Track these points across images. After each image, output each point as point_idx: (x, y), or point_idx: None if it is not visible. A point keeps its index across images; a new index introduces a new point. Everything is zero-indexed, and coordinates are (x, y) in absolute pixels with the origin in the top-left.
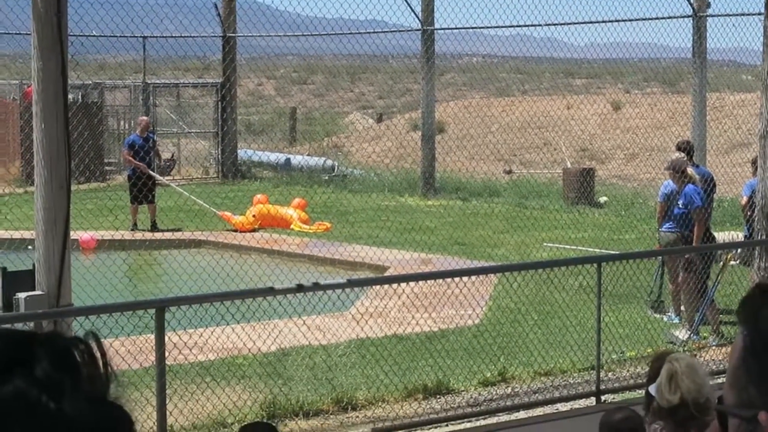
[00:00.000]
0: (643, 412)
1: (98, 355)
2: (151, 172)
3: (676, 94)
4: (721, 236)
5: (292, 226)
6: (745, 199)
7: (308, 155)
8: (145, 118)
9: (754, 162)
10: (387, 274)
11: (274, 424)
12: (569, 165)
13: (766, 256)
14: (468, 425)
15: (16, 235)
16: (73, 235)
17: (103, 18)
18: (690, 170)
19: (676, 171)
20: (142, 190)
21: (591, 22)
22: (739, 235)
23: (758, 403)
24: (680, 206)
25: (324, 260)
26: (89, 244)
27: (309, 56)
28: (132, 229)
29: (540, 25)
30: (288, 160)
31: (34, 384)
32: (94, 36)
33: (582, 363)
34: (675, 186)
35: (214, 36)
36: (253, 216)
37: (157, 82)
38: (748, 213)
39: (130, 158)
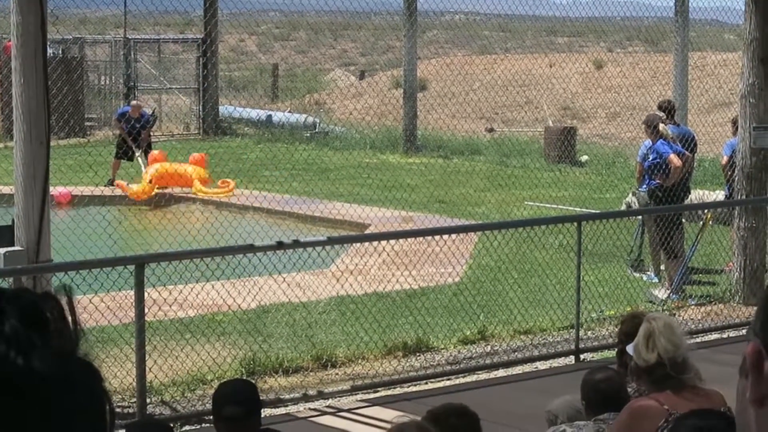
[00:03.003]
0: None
1: (68, 311)
2: (134, 147)
3: (659, 53)
4: (698, 195)
5: (192, 190)
6: (725, 159)
7: (290, 112)
8: (134, 102)
9: (734, 122)
10: (368, 231)
11: (252, 381)
12: (551, 124)
13: (746, 216)
14: (447, 383)
15: None
16: (53, 190)
17: None
18: (661, 126)
19: (648, 126)
20: (129, 150)
21: None
22: (717, 195)
23: None
24: (650, 160)
25: (304, 217)
26: (64, 198)
27: (291, 12)
28: (107, 184)
29: None
30: (269, 116)
31: (2, 340)
32: None
33: (561, 322)
34: (651, 143)
35: None
36: (150, 181)
37: (138, 37)
38: (729, 173)
39: (121, 128)
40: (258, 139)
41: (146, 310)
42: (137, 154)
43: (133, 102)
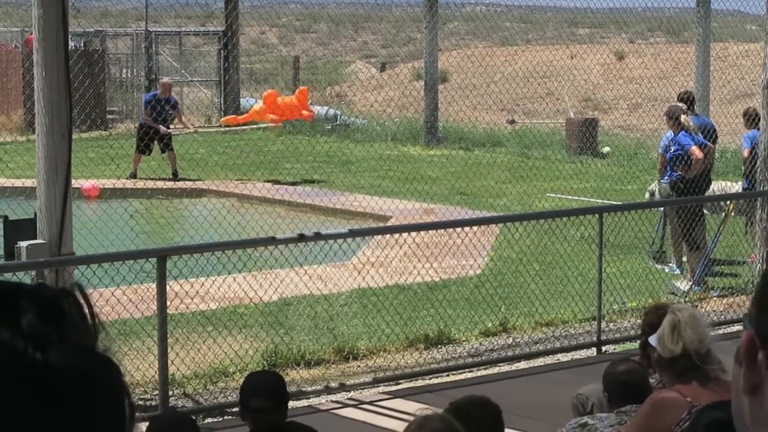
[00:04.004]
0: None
1: (86, 306)
2: (171, 130)
3: (680, 44)
4: (720, 186)
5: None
6: (747, 151)
7: (311, 104)
8: (165, 79)
9: (745, 114)
10: (389, 223)
11: (280, 374)
12: (572, 115)
13: None
14: (469, 375)
15: (18, 183)
16: (75, 183)
17: None
18: (683, 117)
19: (670, 117)
20: (163, 139)
21: None
22: (736, 186)
23: None
24: (672, 151)
25: (326, 210)
26: (92, 191)
27: (312, 4)
28: (129, 177)
29: None
30: None
31: (21, 335)
32: None
33: (583, 313)
34: (673, 135)
35: None
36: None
37: (159, 30)
38: (749, 165)
39: (147, 119)
40: (279, 132)
41: (168, 303)
42: (191, 127)
43: (164, 79)
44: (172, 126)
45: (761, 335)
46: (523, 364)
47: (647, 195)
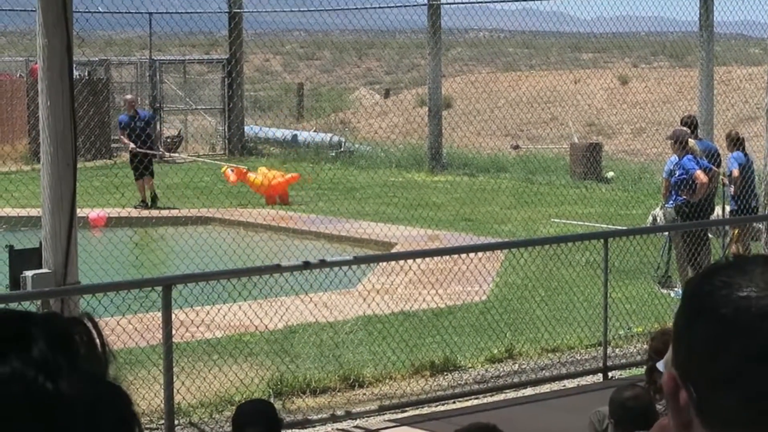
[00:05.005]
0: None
1: (96, 335)
2: (139, 149)
3: (684, 67)
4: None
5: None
6: (736, 172)
7: (315, 131)
8: (128, 96)
9: (728, 137)
10: (394, 250)
11: (271, 401)
12: (576, 140)
13: None
14: (475, 402)
15: (23, 212)
16: (82, 212)
17: None
18: (691, 142)
19: (675, 141)
20: (139, 166)
21: None
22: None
23: None
24: (676, 176)
25: (331, 237)
26: (99, 221)
27: (316, 31)
28: (136, 206)
29: None
30: (295, 136)
31: (31, 364)
32: (99, 12)
33: (589, 339)
34: (677, 159)
35: (221, 12)
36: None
37: (164, 58)
38: (738, 187)
39: (121, 136)
40: (284, 159)
41: (174, 332)
42: (160, 154)
43: (126, 96)
44: (158, 150)
45: (682, 376)
46: (529, 391)
47: (650, 219)
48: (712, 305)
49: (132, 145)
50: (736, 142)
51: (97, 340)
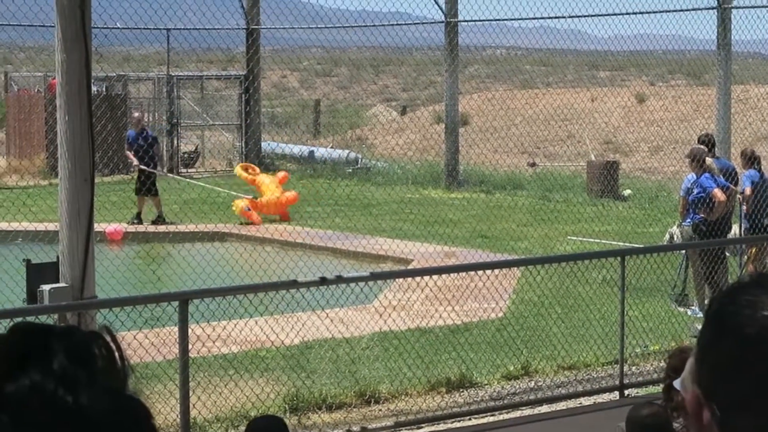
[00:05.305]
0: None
1: (115, 349)
2: (142, 166)
3: (701, 86)
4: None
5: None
6: (748, 190)
7: (332, 148)
8: (135, 114)
9: (743, 154)
10: (410, 267)
11: (282, 417)
12: (593, 158)
13: None
14: (491, 419)
15: (41, 227)
16: (98, 227)
17: (126, 10)
18: (709, 160)
19: (693, 160)
20: (145, 183)
21: (615, 14)
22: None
23: None
24: (694, 194)
25: (347, 253)
26: (116, 235)
27: (333, 48)
28: (130, 222)
29: (564, 17)
30: (311, 152)
31: (51, 377)
32: (117, 28)
33: (605, 357)
34: (695, 177)
35: (238, 28)
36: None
37: (181, 74)
38: (750, 205)
39: (127, 152)
40: (300, 175)
41: (190, 347)
42: (159, 172)
43: (134, 114)
44: (159, 170)
45: (706, 395)
46: (545, 408)
47: (667, 237)
48: (736, 325)
49: (136, 162)
50: (751, 160)
51: (116, 354)
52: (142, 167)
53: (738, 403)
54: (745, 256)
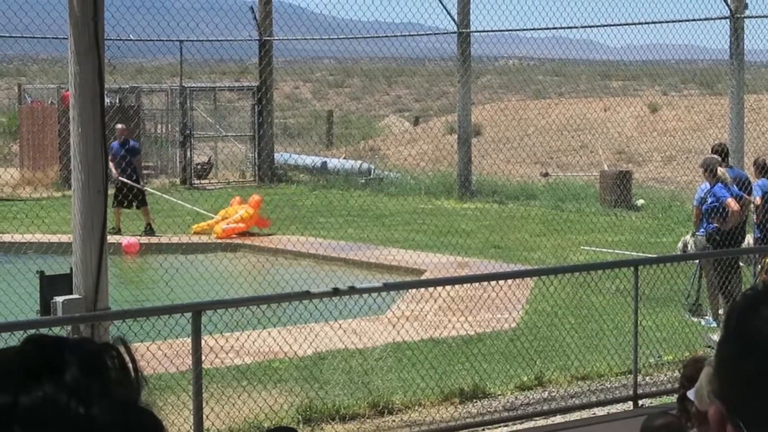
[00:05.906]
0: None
1: (129, 360)
2: (122, 179)
3: (714, 96)
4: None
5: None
6: (758, 200)
7: (345, 158)
8: (119, 125)
9: (755, 163)
10: (423, 277)
11: (295, 428)
12: (606, 168)
13: None
14: (505, 429)
15: (54, 238)
16: (111, 239)
17: (139, 22)
18: (720, 170)
19: (706, 169)
20: (128, 195)
21: (628, 24)
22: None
23: None
24: (708, 203)
25: (360, 263)
26: (132, 248)
27: (345, 59)
28: (110, 232)
29: (576, 27)
30: (324, 163)
31: (64, 389)
32: (130, 40)
33: (619, 367)
34: (709, 186)
35: (251, 40)
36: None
37: (194, 85)
38: (762, 215)
39: (111, 163)
40: (313, 186)
41: (203, 358)
42: (140, 185)
43: (118, 125)
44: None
45: (729, 409)
46: (558, 419)
47: (680, 245)
48: (761, 340)
49: (116, 174)
50: (763, 169)
51: (130, 365)
52: (123, 180)
53: (765, 418)
54: (759, 266)
